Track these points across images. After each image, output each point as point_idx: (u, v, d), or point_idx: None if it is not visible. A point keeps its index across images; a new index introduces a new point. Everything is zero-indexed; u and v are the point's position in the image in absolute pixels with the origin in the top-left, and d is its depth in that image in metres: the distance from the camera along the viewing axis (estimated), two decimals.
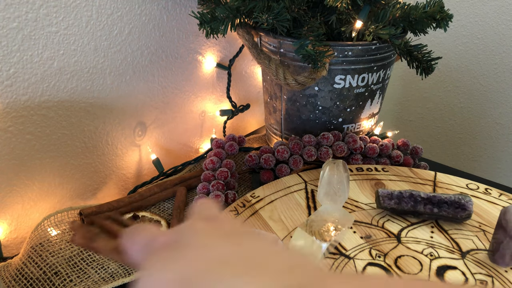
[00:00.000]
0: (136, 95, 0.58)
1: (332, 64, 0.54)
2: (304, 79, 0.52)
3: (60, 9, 0.46)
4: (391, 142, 0.61)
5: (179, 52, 0.62)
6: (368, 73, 0.56)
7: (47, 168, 0.50)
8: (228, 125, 0.75)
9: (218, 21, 0.51)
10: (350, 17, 0.54)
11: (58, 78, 0.48)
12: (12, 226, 0.49)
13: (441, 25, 0.52)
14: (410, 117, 1.15)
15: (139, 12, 0.54)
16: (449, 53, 1.01)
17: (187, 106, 0.67)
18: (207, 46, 0.66)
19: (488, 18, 0.94)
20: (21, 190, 0.49)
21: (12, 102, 0.45)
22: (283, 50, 0.57)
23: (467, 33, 0.98)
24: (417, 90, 1.10)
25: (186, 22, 0.61)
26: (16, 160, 0.47)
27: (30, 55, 0.45)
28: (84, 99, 0.52)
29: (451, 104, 1.07)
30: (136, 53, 0.56)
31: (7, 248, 0.49)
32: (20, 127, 0.46)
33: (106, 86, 0.54)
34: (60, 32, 0.47)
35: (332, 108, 0.59)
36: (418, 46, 0.56)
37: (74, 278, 0.43)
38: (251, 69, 0.77)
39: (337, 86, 0.56)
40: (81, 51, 0.49)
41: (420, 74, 0.57)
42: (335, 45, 0.53)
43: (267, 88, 0.65)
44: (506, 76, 0.97)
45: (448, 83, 1.05)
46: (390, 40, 0.53)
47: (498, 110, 1.01)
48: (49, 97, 0.48)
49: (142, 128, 0.61)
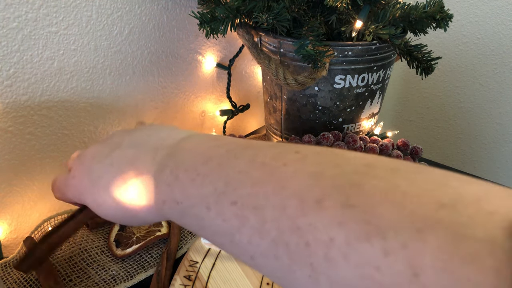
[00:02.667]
0: (136, 95, 0.58)
1: (332, 64, 0.54)
2: (304, 79, 0.52)
3: (60, 9, 0.46)
4: (391, 142, 0.61)
5: (179, 52, 0.62)
6: (368, 73, 0.56)
7: (47, 168, 0.50)
8: (228, 125, 0.75)
9: (218, 21, 0.51)
10: (350, 17, 0.54)
11: (58, 78, 0.48)
12: (12, 226, 0.49)
13: (441, 25, 0.52)
14: (410, 117, 1.15)
15: (139, 12, 0.54)
16: (449, 53, 1.01)
17: (187, 106, 0.67)
18: (207, 46, 0.66)
19: (488, 18, 0.94)
20: (21, 190, 0.49)
21: (12, 102, 0.45)
22: (283, 50, 0.57)
23: (467, 33, 0.98)
24: (417, 90, 1.10)
25: (186, 22, 0.61)
26: (16, 160, 0.47)
27: (30, 55, 0.45)
28: (84, 99, 0.52)
29: (451, 104, 1.07)
30: (136, 53, 0.56)
31: (7, 248, 0.49)
32: (20, 127, 0.46)
33: (106, 86, 0.54)
34: (60, 32, 0.47)
35: (332, 108, 0.59)
36: (418, 46, 0.56)
37: (74, 278, 0.43)
38: (251, 69, 0.77)
39: (337, 86, 0.56)
40: (81, 51, 0.49)
41: (420, 74, 0.57)
42: (335, 45, 0.53)
43: (267, 88, 0.65)
44: (506, 76, 0.97)
45: (448, 83, 1.05)
46: (390, 40, 0.53)
47: (498, 110, 1.01)
48: (49, 97, 0.48)
49: None
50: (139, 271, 0.45)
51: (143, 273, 0.45)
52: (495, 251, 0.14)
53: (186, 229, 0.51)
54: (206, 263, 0.45)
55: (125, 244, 0.47)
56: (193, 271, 0.44)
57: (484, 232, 0.14)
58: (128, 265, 0.45)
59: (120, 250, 0.46)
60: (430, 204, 0.16)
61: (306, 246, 0.17)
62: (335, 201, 0.17)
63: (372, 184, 0.17)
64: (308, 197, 0.18)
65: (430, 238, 0.15)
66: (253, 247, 0.20)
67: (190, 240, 0.50)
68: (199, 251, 0.46)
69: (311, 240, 0.17)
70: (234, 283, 0.42)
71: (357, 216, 0.16)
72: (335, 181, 0.18)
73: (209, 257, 0.45)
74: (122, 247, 0.47)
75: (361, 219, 0.16)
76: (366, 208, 0.17)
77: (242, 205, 0.20)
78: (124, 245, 0.47)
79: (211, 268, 0.44)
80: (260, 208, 0.19)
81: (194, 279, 0.43)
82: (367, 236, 0.16)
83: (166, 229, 0.49)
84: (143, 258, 0.47)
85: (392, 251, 0.15)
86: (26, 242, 0.44)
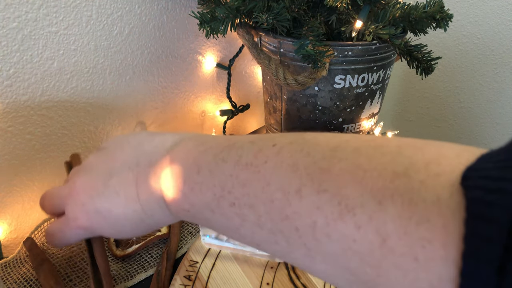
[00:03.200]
0: (136, 95, 0.58)
1: (332, 64, 0.54)
2: (304, 79, 0.52)
3: (60, 9, 0.46)
4: None
5: (179, 52, 0.62)
6: (368, 73, 0.56)
7: (47, 168, 0.50)
8: (228, 125, 0.75)
9: (218, 21, 0.51)
10: (350, 17, 0.54)
11: (58, 78, 0.48)
12: (12, 226, 0.49)
13: (441, 25, 0.52)
14: (410, 117, 1.15)
15: (139, 12, 0.54)
16: (449, 53, 1.01)
17: (187, 106, 0.67)
18: (207, 46, 0.66)
19: (488, 18, 0.94)
20: (21, 190, 0.49)
21: (12, 102, 0.45)
22: (283, 50, 0.57)
23: (467, 33, 0.98)
24: (417, 90, 1.10)
25: (186, 22, 0.61)
26: (16, 160, 0.47)
27: (30, 55, 0.45)
28: (84, 99, 0.52)
29: (451, 104, 1.07)
30: (136, 53, 0.56)
31: (7, 248, 0.49)
32: (20, 127, 0.46)
33: (106, 86, 0.54)
34: (60, 32, 0.47)
35: (332, 108, 0.59)
36: (418, 46, 0.56)
37: (74, 278, 0.43)
38: (251, 69, 0.77)
39: (337, 86, 0.56)
40: (81, 51, 0.49)
41: (420, 74, 0.57)
42: (335, 45, 0.53)
43: (267, 88, 0.65)
44: (506, 76, 0.97)
45: (448, 83, 1.05)
46: (390, 40, 0.53)
47: (498, 110, 1.01)
48: (49, 97, 0.48)
49: (142, 128, 0.61)
50: (139, 271, 0.45)
51: (143, 273, 0.45)
52: (442, 210, 0.16)
53: (186, 229, 0.51)
54: (206, 263, 0.45)
55: (125, 244, 0.47)
56: (193, 271, 0.44)
57: (433, 194, 0.16)
58: (128, 265, 0.45)
59: (120, 250, 0.46)
60: (386, 176, 0.18)
61: (296, 231, 0.20)
62: (311, 188, 0.20)
63: (338, 168, 0.20)
64: (289, 188, 0.21)
65: (390, 207, 0.17)
66: (257, 237, 0.23)
67: (190, 240, 0.50)
68: (199, 251, 0.46)
69: (299, 226, 0.20)
70: (234, 283, 0.42)
71: (330, 199, 0.19)
72: (308, 169, 0.21)
73: (209, 257, 0.45)
74: (122, 247, 0.47)
75: (334, 201, 0.19)
76: (336, 191, 0.19)
77: (239, 205, 0.23)
78: (124, 245, 0.47)
79: (211, 268, 0.44)
80: (254, 205, 0.22)
81: (194, 279, 0.43)
82: (340, 215, 0.18)
83: (166, 229, 0.49)
84: (143, 258, 0.47)
85: (362, 224, 0.18)
86: (26, 243, 0.44)
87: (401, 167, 0.18)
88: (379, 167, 0.19)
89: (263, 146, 0.24)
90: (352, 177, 0.19)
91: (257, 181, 0.22)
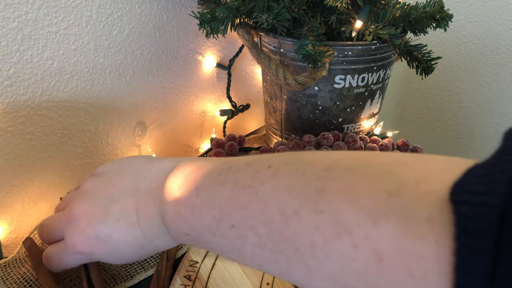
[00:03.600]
0: (136, 95, 0.58)
1: (332, 64, 0.54)
2: (304, 79, 0.52)
3: (60, 9, 0.46)
4: (391, 142, 0.61)
5: (179, 52, 0.62)
6: (368, 73, 0.56)
7: (47, 168, 0.50)
8: (228, 125, 0.75)
9: (218, 21, 0.51)
10: (350, 17, 0.54)
11: (58, 78, 0.48)
12: (12, 226, 0.49)
13: (441, 25, 0.52)
14: (410, 117, 1.15)
15: (139, 12, 0.54)
16: (449, 53, 1.01)
17: (187, 106, 0.67)
18: (207, 46, 0.66)
19: (488, 18, 0.94)
20: (21, 190, 0.49)
21: (12, 102, 0.45)
22: (283, 50, 0.57)
23: (467, 33, 0.98)
24: (417, 90, 1.10)
25: (186, 22, 0.61)
26: (16, 160, 0.47)
27: (30, 55, 0.45)
28: (84, 99, 0.52)
29: (451, 104, 1.07)
30: (136, 53, 0.56)
31: (7, 248, 0.49)
32: (20, 127, 0.46)
33: (106, 86, 0.54)
34: (60, 32, 0.47)
35: (332, 108, 0.59)
36: (418, 46, 0.56)
37: (74, 278, 0.43)
38: (251, 69, 0.77)
39: (337, 86, 0.56)
40: (81, 51, 0.49)
41: (420, 74, 0.57)
42: (335, 45, 0.53)
43: (267, 88, 0.65)
44: (506, 76, 0.97)
45: (448, 83, 1.05)
46: (390, 40, 0.53)
47: (498, 110, 1.01)
48: (49, 97, 0.48)
49: (142, 128, 0.61)
50: (139, 271, 0.45)
51: (143, 273, 0.45)
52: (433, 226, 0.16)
53: None
54: (206, 263, 0.45)
55: None
56: (193, 271, 0.44)
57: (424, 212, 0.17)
58: (128, 265, 0.45)
59: None
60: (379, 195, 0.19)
61: (296, 251, 0.21)
62: (309, 209, 0.20)
63: (333, 188, 0.20)
64: (288, 210, 0.21)
65: (384, 225, 0.18)
66: (258, 257, 0.23)
67: None
68: (199, 251, 0.46)
69: (299, 246, 0.21)
70: (234, 283, 0.42)
71: (327, 220, 0.19)
72: (304, 190, 0.21)
73: (209, 257, 0.45)
74: None
75: (331, 221, 0.19)
76: (332, 211, 0.20)
77: (239, 227, 0.24)
78: None
79: (211, 268, 0.44)
80: (254, 226, 0.23)
81: (194, 279, 0.43)
82: (338, 235, 0.19)
83: None
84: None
85: (359, 243, 0.18)
86: (26, 243, 0.44)
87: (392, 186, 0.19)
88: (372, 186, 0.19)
89: (259, 168, 0.24)
90: (347, 197, 0.20)
91: (255, 203, 0.23)
